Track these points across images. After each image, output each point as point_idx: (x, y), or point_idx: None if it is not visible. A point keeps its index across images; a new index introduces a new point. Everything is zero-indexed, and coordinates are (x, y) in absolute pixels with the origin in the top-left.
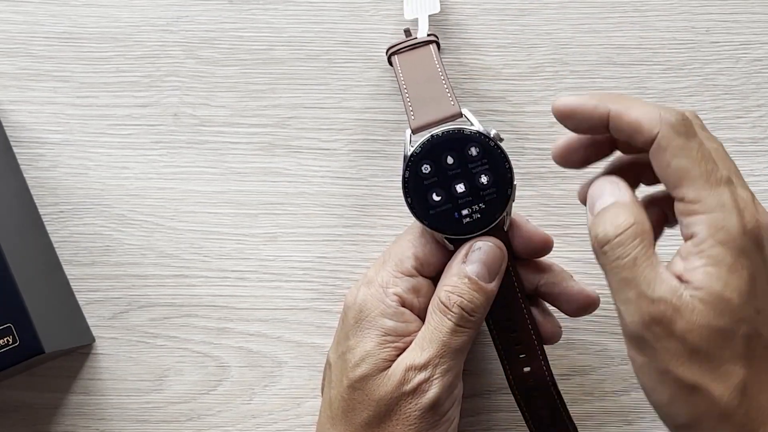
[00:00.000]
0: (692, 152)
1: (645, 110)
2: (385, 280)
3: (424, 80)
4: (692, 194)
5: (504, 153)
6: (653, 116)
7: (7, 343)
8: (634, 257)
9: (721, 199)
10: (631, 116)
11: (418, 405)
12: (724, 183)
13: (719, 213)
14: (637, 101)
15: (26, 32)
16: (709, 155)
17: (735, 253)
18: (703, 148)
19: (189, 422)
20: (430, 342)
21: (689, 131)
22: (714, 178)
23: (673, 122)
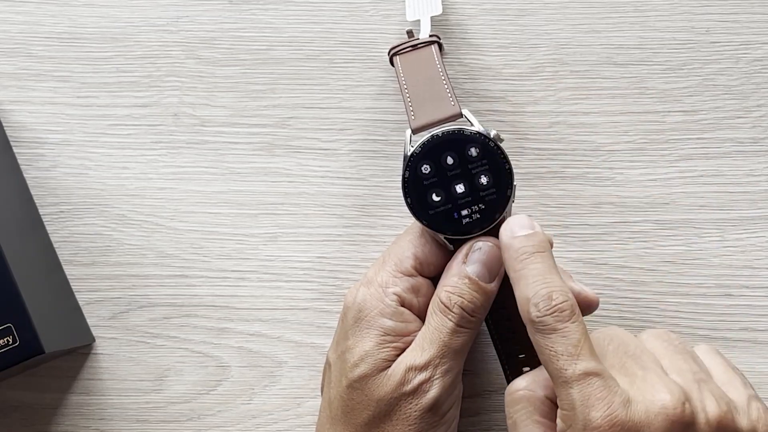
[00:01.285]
0: (545, 349)
1: (521, 297)
2: (384, 280)
3: (425, 80)
4: (555, 388)
5: (504, 153)
6: (522, 307)
7: (7, 343)
8: (514, 421)
9: (570, 398)
10: (515, 294)
11: (418, 405)
12: (576, 380)
13: (567, 411)
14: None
15: (26, 32)
16: (569, 348)
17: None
18: (559, 342)
19: (189, 422)
20: (431, 342)
21: (546, 328)
22: (564, 376)
23: (532, 319)
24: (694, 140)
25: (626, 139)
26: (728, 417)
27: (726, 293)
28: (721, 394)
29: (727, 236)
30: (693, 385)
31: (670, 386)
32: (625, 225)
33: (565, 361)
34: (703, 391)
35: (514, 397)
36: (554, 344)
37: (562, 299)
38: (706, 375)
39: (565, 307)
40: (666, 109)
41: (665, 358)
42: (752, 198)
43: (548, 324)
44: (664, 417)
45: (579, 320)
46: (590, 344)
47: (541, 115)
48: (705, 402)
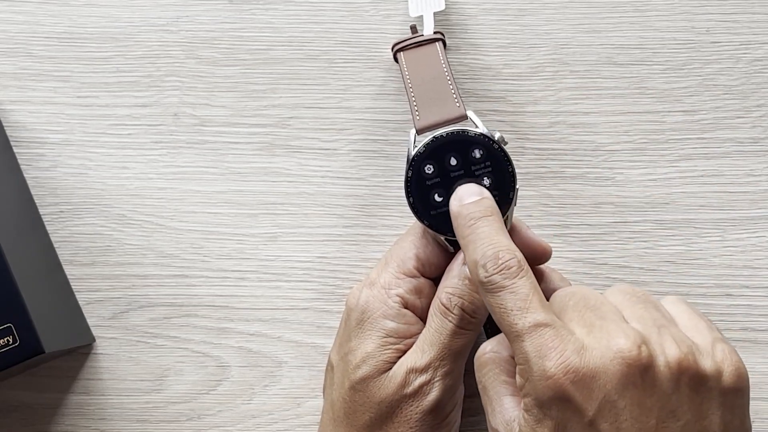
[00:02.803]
0: (496, 306)
1: (470, 258)
2: (387, 282)
3: (430, 79)
4: (510, 345)
5: (507, 156)
6: (471, 268)
7: (7, 343)
8: (483, 385)
9: (523, 351)
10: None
11: (419, 408)
12: (526, 332)
13: (523, 365)
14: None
15: (26, 32)
16: (518, 303)
17: (538, 404)
18: (508, 299)
19: (189, 422)
20: (431, 344)
21: (495, 287)
22: (515, 329)
23: (481, 279)
24: (694, 140)
25: (626, 139)
26: (689, 359)
27: (726, 293)
28: (683, 337)
29: (727, 236)
30: (653, 330)
31: (627, 331)
32: (625, 225)
33: (515, 316)
34: (663, 335)
35: (481, 360)
36: (504, 301)
37: (508, 257)
38: (668, 321)
39: (512, 264)
40: (666, 109)
41: (627, 309)
42: (752, 198)
43: (496, 282)
44: (620, 360)
45: (527, 275)
46: (540, 297)
47: (541, 115)
48: (664, 345)
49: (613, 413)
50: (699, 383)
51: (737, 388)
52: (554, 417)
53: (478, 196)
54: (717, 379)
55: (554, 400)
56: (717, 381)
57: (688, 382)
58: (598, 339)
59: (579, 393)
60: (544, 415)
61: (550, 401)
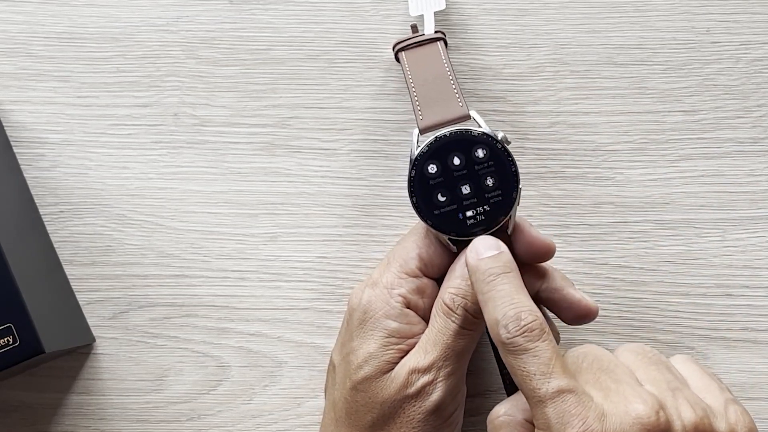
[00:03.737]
0: (518, 370)
1: (490, 319)
2: (390, 281)
3: (433, 79)
4: (530, 409)
5: (511, 156)
6: (492, 329)
7: (7, 343)
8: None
9: (545, 417)
10: (484, 318)
11: (421, 408)
12: (550, 398)
13: (544, 430)
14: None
15: (26, 32)
16: (541, 367)
17: None
18: (531, 362)
19: (189, 422)
20: (434, 344)
21: (518, 349)
22: (538, 395)
23: (503, 340)
24: (694, 140)
25: (626, 139)
26: (705, 422)
27: (726, 293)
28: (697, 400)
29: (727, 236)
30: (667, 394)
31: (643, 396)
32: (625, 225)
33: (538, 381)
34: (678, 398)
35: (495, 424)
36: (526, 364)
37: (530, 319)
38: (681, 383)
39: (534, 326)
40: (666, 109)
41: (639, 370)
42: (752, 198)
43: (519, 344)
44: (639, 427)
45: (549, 338)
46: (562, 362)
47: (541, 115)
48: (680, 409)
49: None
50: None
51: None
52: None
53: (496, 250)
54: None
55: None
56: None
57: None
58: (616, 404)
59: None
60: None
61: None
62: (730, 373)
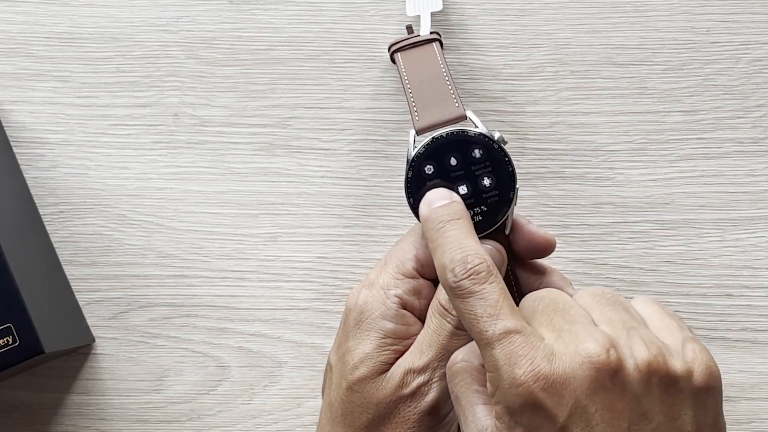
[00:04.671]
0: (465, 313)
1: (438, 264)
2: (386, 282)
3: (428, 80)
4: (480, 352)
5: (507, 156)
6: (440, 274)
7: (7, 343)
8: (455, 395)
9: (493, 359)
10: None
11: (417, 408)
12: (497, 340)
13: (493, 373)
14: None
15: (26, 32)
16: (487, 309)
17: (509, 412)
18: (478, 305)
19: (189, 422)
20: (430, 345)
21: (464, 292)
22: (485, 337)
23: (450, 284)
24: (694, 140)
25: (626, 139)
26: (659, 360)
27: (726, 293)
28: (653, 339)
29: (727, 236)
30: (622, 333)
31: (595, 335)
32: (625, 225)
33: (485, 323)
34: (632, 337)
35: (453, 370)
36: (473, 307)
37: (477, 261)
38: (638, 323)
39: (481, 269)
40: (666, 109)
41: (596, 312)
42: (752, 198)
43: (465, 287)
44: (589, 365)
45: (497, 281)
46: (510, 303)
47: (541, 115)
48: (633, 348)
49: (584, 418)
50: (670, 384)
51: (709, 386)
52: (525, 424)
53: (448, 200)
54: (688, 379)
55: (525, 407)
56: (688, 381)
57: (658, 384)
58: (567, 344)
59: (549, 400)
60: (515, 422)
61: (520, 409)
62: (730, 373)
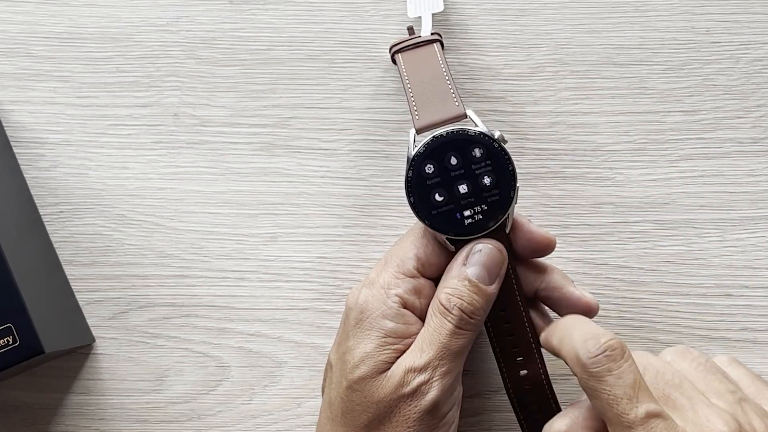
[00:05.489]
0: (602, 393)
1: (568, 348)
2: (386, 281)
3: (429, 80)
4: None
5: (507, 155)
6: (572, 357)
7: (7, 343)
8: None
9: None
10: (563, 353)
11: (417, 407)
12: (639, 424)
13: None
14: (575, 330)
15: (26, 32)
16: (627, 391)
17: None
18: (616, 385)
19: (189, 422)
20: (430, 344)
21: (601, 370)
22: (626, 420)
23: (584, 362)
24: (694, 140)
25: (626, 139)
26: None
27: (726, 293)
28: (762, 411)
29: (727, 236)
30: (737, 408)
31: (721, 415)
32: (625, 225)
33: (626, 405)
34: (746, 411)
35: None
36: (611, 387)
37: (609, 337)
38: (740, 391)
39: (616, 345)
40: (666, 109)
41: (699, 381)
42: (752, 198)
43: (602, 364)
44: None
45: (631, 359)
46: (645, 384)
47: (541, 115)
48: (753, 423)
49: None
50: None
51: None
52: None
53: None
54: None
55: None
56: None
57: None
58: (698, 426)
59: None
60: None
61: None
62: None
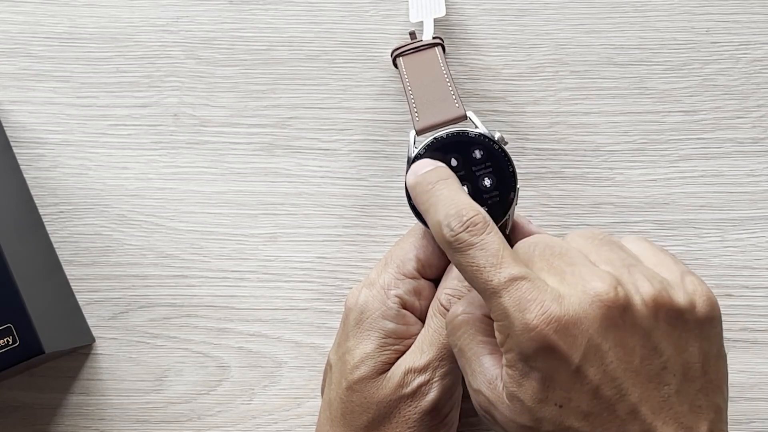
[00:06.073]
0: (468, 266)
1: (433, 221)
2: (386, 282)
3: (429, 82)
4: (486, 302)
5: (508, 156)
6: (436, 231)
7: (7, 343)
8: (459, 348)
9: (502, 307)
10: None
11: (417, 408)
12: (503, 288)
13: (502, 321)
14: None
15: (26, 32)
16: (490, 259)
17: (522, 358)
18: (479, 255)
19: (189, 422)
20: (430, 345)
21: (463, 245)
22: (491, 286)
23: (448, 239)
24: (694, 140)
25: (626, 139)
26: (663, 294)
27: (726, 293)
28: (653, 274)
29: (727, 236)
30: (623, 270)
31: (599, 274)
32: (625, 225)
33: (488, 272)
34: (633, 274)
35: (455, 323)
36: (474, 259)
37: (472, 213)
38: (635, 260)
39: (477, 220)
40: (666, 109)
41: (592, 253)
42: (752, 198)
43: (464, 240)
44: (599, 304)
45: (494, 230)
46: (510, 251)
47: (541, 115)
48: (637, 284)
49: (598, 357)
50: (675, 317)
51: (711, 317)
52: (540, 369)
53: (432, 166)
54: (691, 311)
55: (539, 351)
56: (692, 313)
57: (665, 318)
58: (573, 285)
59: (563, 341)
60: (529, 368)
61: (535, 353)
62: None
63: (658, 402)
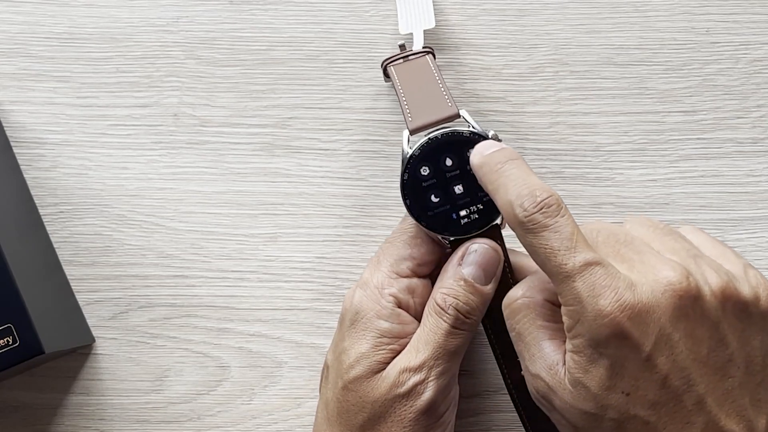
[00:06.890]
0: (540, 248)
1: (504, 201)
2: (380, 282)
3: (421, 85)
4: (555, 286)
5: None
6: (508, 212)
7: (7, 343)
8: (518, 332)
9: (574, 291)
10: (498, 205)
11: (413, 407)
12: (578, 272)
13: (573, 306)
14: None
15: (26, 32)
16: (564, 242)
17: (592, 344)
18: (553, 238)
19: (189, 422)
20: (426, 344)
21: (537, 227)
22: (565, 270)
23: (521, 220)
24: (694, 140)
25: (626, 140)
26: (730, 286)
27: None
28: (718, 266)
29: (727, 236)
30: (690, 261)
31: (670, 263)
32: None
33: (563, 256)
34: (700, 265)
35: (514, 307)
36: (548, 241)
37: (546, 195)
38: (698, 251)
39: (552, 201)
40: (666, 109)
41: (655, 241)
42: (752, 198)
43: (538, 221)
44: (672, 293)
45: (567, 213)
46: (583, 235)
47: (541, 115)
48: (705, 275)
49: (668, 346)
50: (741, 310)
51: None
52: (610, 356)
53: (498, 146)
54: (756, 304)
55: (611, 338)
56: (756, 306)
57: (732, 309)
58: (644, 273)
59: (636, 329)
60: (599, 354)
61: (606, 340)
62: None
63: (722, 394)
